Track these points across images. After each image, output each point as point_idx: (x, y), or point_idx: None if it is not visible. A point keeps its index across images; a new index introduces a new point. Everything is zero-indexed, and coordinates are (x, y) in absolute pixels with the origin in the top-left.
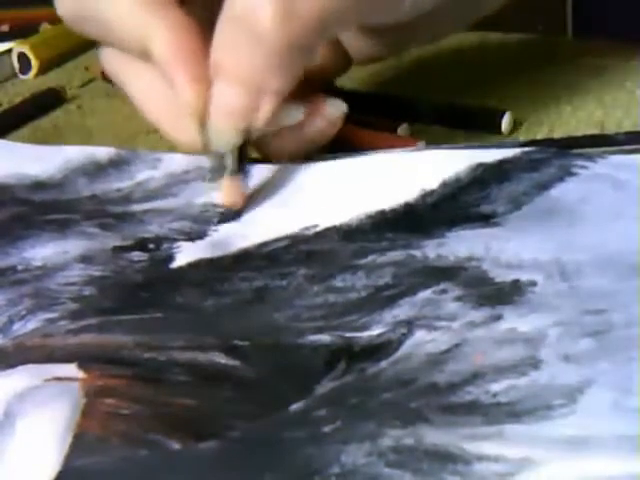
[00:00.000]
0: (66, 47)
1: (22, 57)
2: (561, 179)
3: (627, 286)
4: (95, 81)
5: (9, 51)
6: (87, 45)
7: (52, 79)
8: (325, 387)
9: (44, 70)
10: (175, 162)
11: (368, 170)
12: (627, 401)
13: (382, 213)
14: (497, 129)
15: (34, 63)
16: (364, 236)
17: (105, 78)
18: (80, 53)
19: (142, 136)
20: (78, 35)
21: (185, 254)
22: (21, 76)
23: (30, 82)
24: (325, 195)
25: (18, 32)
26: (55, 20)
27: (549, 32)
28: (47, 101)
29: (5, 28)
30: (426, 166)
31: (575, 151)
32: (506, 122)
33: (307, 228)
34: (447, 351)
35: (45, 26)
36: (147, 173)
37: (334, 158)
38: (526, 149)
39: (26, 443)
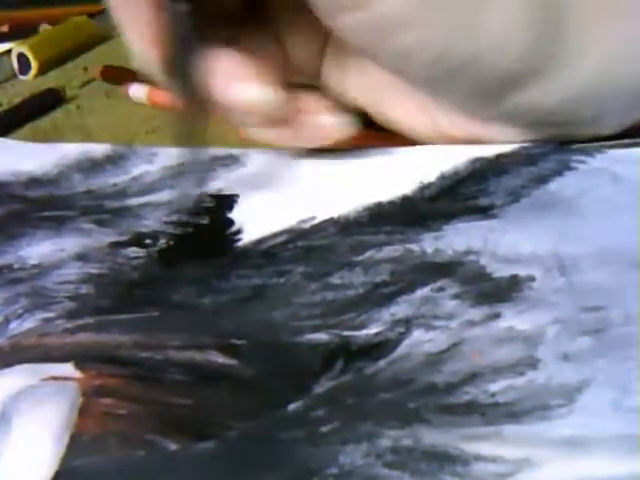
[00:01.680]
0: (65, 47)
1: (21, 57)
2: (559, 173)
3: (626, 281)
4: (94, 81)
5: (8, 52)
6: (86, 46)
7: (51, 79)
8: (323, 386)
9: (43, 70)
10: (171, 156)
11: (366, 162)
12: (626, 400)
13: (380, 205)
14: None
15: (33, 63)
16: (361, 229)
17: (104, 78)
18: (79, 54)
19: (141, 136)
20: (77, 35)
21: None
22: (20, 76)
23: (29, 82)
24: (322, 187)
25: (17, 32)
26: (54, 21)
27: None
28: (46, 101)
29: (4, 29)
30: (424, 159)
31: (574, 145)
32: None
33: (304, 221)
34: (445, 351)
35: (44, 27)
36: (143, 167)
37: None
38: (524, 144)
39: (22, 443)
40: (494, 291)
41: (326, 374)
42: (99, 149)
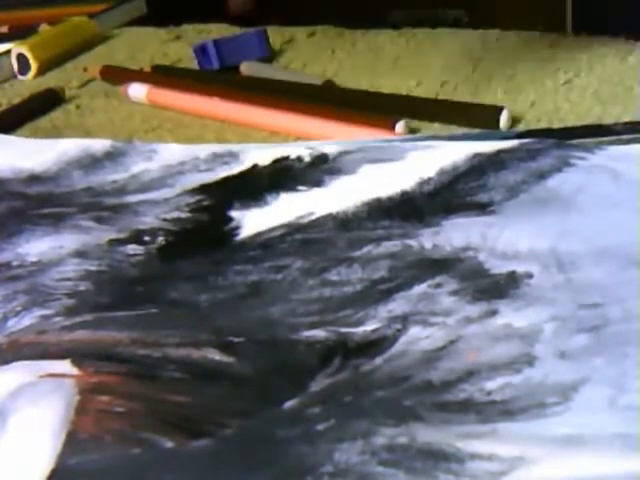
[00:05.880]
0: (64, 48)
1: (21, 58)
2: (559, 169)
3: (624, 278)
4: (93, 81)
5: (8, 52)
6: (85, 46)
7: (51, 80)
8: (319, 384)
9: (43, 71)
10: (171, 153)
11: (366, 158)
12: (622, 399)
13: (379, 201)
14: (495, 125)
15: (33, 64)
16: (360, 224)
17: (104, 78)
18: (78, 54)
19: (140, 135)
20: (76, 36)
21: None
22: (20, 77)
23: (29, 83)
24: (321, 183)
25: (17, 33)
26: (54, 21)
27: (549, 32)
28: (46, 101)
29: (4, 29)
30: (424, 155)
31: (573, 142)
32: (504, 118)
33: (302, 217)
34: (442, 348)
35: (44, 27)
36: (142, 165)
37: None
38: (524, 140)
39: (19, 441)
40: (492, 287)
41: (323, 371)
42: (99, 145)
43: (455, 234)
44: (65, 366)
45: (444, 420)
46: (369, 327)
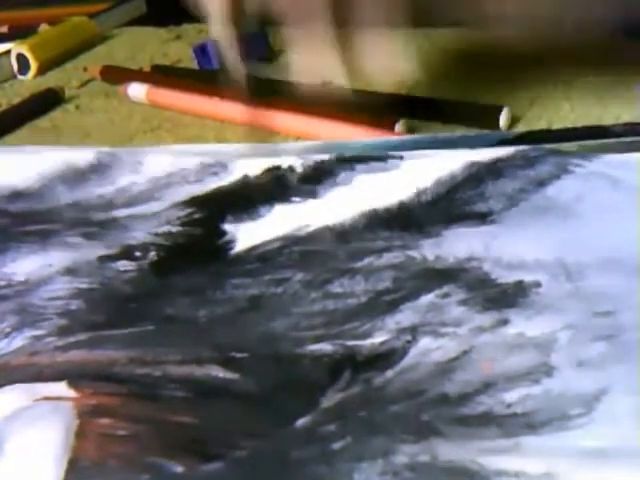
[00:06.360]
0: (64, 48)
1: (21, 58)
2: (557, 177)
3: (630, 286)
4: (93, 81)
5: (8, 52)
6: (85, 46)
7: (51, 79)
8: (331, 400)
9: (43, 71)
10: (157, 164)
11: (360, 169)
12: None
13: (376, 212)
14: (495, 125)
15: (33, 64)
16: (359, 236)
17: (103, 78)
18: (78, 54)
19: (140, 135)
20: (76, 36)
21: None
22: (20, 77)
23: (29, 82)
24: (315, 196)
25: (17, 33)
26: (54, 21)
27: None
28: (46, 101)
29: (4, 29)
30: (420, 164)
31: (571, 144)
32: (504, 118)
33: (298, 229)
34: (455, 359)
35: (44, 27)
36: (129, 178)
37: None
38: (520, 147)
39: (17, 466)
40: (500, 296)
41: (333, 386)
42: (82, 157)
43: (457, 244)
44: (61, 388)
45: (465, 435)
46: (377, 339)
